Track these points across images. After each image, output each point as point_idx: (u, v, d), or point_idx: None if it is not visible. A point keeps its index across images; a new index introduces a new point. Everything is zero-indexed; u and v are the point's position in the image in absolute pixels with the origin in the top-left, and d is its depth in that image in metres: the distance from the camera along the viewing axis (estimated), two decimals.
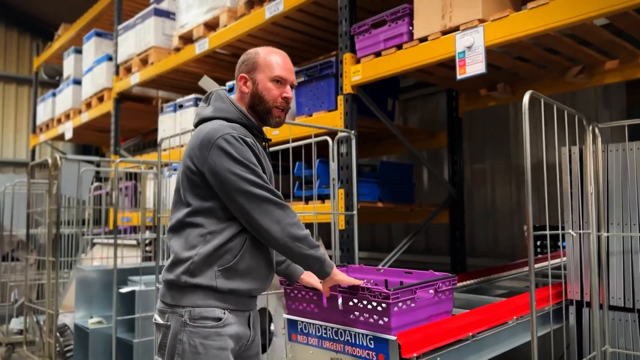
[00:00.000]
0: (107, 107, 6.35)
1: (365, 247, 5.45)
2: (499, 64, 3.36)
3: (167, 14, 5.43)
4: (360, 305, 1.90)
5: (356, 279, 1.91)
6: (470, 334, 2.06)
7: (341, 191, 3.22)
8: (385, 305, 1.82)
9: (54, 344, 3.95)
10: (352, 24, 3.35)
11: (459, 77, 2.70)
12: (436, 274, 2.14)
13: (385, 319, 1.83)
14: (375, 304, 1.85)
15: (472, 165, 4.74)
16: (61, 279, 4.83)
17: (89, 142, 9.32)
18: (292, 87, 1.90)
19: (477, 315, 2.17)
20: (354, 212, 3.12)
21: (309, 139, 3.02)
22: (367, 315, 1.88)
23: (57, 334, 4.04)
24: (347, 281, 1.86)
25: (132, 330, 3.57)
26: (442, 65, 3.25)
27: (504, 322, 2.27)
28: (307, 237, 1.73)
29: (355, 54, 3.34)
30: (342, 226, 3.17)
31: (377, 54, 3.19)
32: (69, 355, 4.03)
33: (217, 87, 1.93)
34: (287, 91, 1.86)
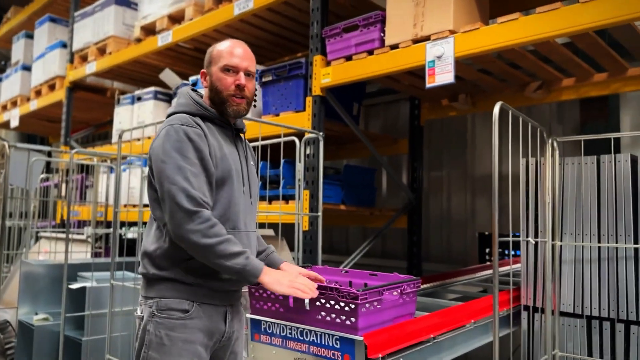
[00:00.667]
0: (59, 95, 6.10)
1: (323, 250, 5.44)
2: (463, 75, 3.46)
3: (129, 4, 5.29)
4: (327, 305, 1.90)
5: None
6: (431, 335, 2.11)
7: (306, 192, 3.22)
8: (353, 305, 1.83)
9: None
10: (324, 26, 3.36)
11: (428, 85, 2.76)
12: (401, 276, 2.18)
13: (352, 319, 1.84)
14: (343, 305, 1.86)
15: (429, 172, 4.85)
16: (2, 273, 4.57)
17: (35, 131, 8.91)
18: (250, 75, 1.83)
19: (438, 317, 2.22)
20: (319, 213, 3.13)
21: (276, 138, 3.01)
22: (334, 315, 1.88)
23: None
24: (280, 291, 1.74)
25: (81, 328, 3.43)
26: (409, 73, 3.32)
27: (463, 325, 2.34)
28: (213, 246, 1.60)
29: (325, 57, 3.35)
30: (305, 227, 3.18)
31: (348, 58, 3.22)
32: (10, 353, 3.82)
33: (178, 81, 1.92)
34: (240, 78, 1.79)
